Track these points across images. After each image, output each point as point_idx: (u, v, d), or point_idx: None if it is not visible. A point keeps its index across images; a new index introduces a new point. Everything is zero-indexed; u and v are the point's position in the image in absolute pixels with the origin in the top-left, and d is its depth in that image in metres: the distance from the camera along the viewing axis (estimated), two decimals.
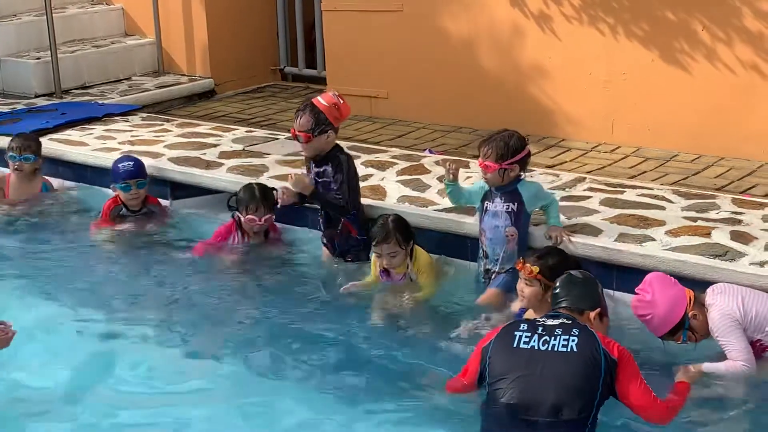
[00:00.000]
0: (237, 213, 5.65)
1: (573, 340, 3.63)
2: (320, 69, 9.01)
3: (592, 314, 3.88)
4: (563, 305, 3.89)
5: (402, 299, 4.99)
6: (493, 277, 4.97)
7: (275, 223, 5.79)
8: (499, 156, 4.89)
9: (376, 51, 7.91)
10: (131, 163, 6.18)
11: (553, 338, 3.65)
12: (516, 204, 4.93)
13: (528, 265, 4.41)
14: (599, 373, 3.59)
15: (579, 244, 4.92)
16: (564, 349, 3.62)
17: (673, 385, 3.95)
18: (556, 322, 3.75)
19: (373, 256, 5.14)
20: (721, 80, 6.48)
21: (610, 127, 6.98)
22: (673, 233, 4.98)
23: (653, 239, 4.91)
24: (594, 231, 5.05)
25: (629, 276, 4.80)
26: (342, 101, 5.36)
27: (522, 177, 4.99)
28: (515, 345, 3.67)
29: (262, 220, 5.63)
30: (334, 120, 5.32)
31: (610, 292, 4.84)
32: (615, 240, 4.93)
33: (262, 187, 5.70)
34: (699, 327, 4.16)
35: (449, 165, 5.17)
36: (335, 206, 5.37)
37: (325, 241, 5.55)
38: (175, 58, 9.45)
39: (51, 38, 8.53)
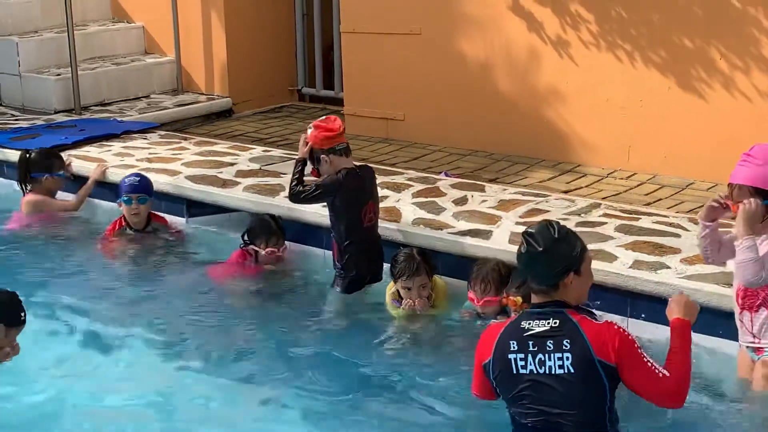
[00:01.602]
0: (252, 246, 5.68)
1: (567, 358, 3.52)
2: (338, 90, 9.06)
3: (568, 280, 3.60)
4: (536, 288, 3.64)
5: (416, 322, 5.02)
6: None
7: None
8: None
9: (393, 73, 7.95)
10: (137, 178, 6.22)
11: (547, 357, 3.54)
12: None
13: (512, 298, 4.41)
14: (602, 385, 3.54)
15: (593, 270, 4.91)
16: (561, 371, 3.53)
17: (670, 336, 3.71)
18: (544, 327, 3.57)
19: (389, 289, 5.16)
20: (738, 109, 6.48)
21: (627, 153, 6.98)
22: (688, 261, 4.97)
23: (668, 267, 4.91)
24: (609, 257, 5.05)
25: (643, 303, 4.79)
26: (324, 123, 5.33)
27: None
28: (515, 372, 3.60)
29: (281, 250, 5.72)
30: (326, 142, 5.29)
31: (624, 318, 4.84)
32: (630, 267, 4.93)
33: (274, 218, 5.79)
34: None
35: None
36: (291, 179, 5.33)
37: None
38: (193, 76, 9.52)
39: (72, 55, 8.61)
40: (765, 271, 3.89)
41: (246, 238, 5.72)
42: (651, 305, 4.76)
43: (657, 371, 3.54)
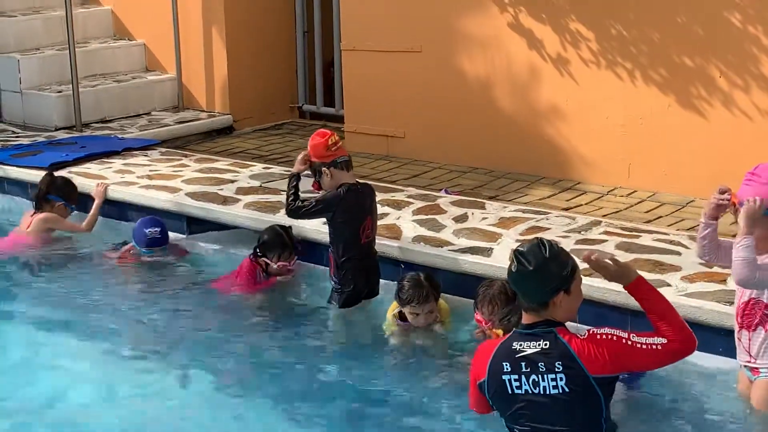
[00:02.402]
0: (264, 259, 5.69)
1: (561, 379, 3.51)
2: (338, 107, 9.07)
3: (557, 299, 3.57)
4: (526, 306, 3.62)
5: (419, 339, 5.03)
6: None
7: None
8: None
9: (393, 91, 7.97)
10: (158, 230, 6.21)
11: (540, 377, 3.53)
12: None
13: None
14: (598, 400, 3.53)
15: (593, 288, 4.91)
16: (556, 392, 3.52)
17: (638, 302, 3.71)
18: (536, 348, 3.55)
19: (391, 310, 5.17)
20: (738, 126, 6.50)
21: (627, 171, 6.99)
22: (689, 279, 4.96)
23: (669, 284, 4.90)
24: None
25: (644, 321, 4.75)
26: (319, 137, 5.35)
27: None
28: (510, 392, 3.59)
29: (292, 263, 5.75)
30: (325, 153, 5.30)
31: None
32: None
33: (287, 231, 5.79)
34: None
35: None
36: (287, 195, 5.36)
37: None
38: (194, 94, 9.54)
39: (73, 72, 8.63)
40: (759, 274, 3.88)
41: (259, 250, 5.72)
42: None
43: (653, 347, 3.54)
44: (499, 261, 5.32)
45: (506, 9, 7.31)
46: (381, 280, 5.49)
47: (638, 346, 3.54)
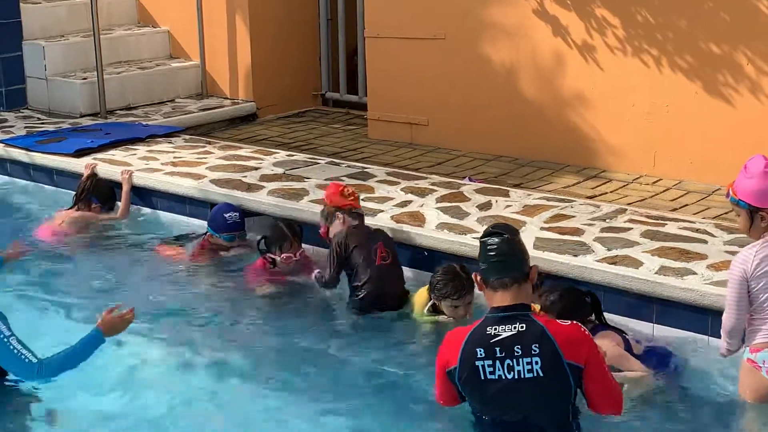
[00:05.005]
0: (270, 255, 5.66)
1: (536, 362, 3.51)
2: (361, 95, 9.06)
3: (533, 272, 3.67)
4: (508, 281, 3.60)
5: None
6: None
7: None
8: None
9: (417, 78, 7.95)
10: (237, 214, 6.12)
11: (515, 362, 3.53)
12: None
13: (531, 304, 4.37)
14: (569, 386, 3.56)
15: (619, 276, 4.89)
16: (531, 375, 3.53)
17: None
18: (512, 331, 3.55)
19: (420, 299, 5.13)
20: (766, 114, 6.43)
21: (652, 159, 6.94)
22: (715, 267, 4.92)
23: (694, 273, 4.86)
24: (634, 263, 5.01)
25: (669, 309, 4.76)
26: (335, 186, 5.53)
27: None
28: (483, 378, 3.58)
29: (298, 254, 5.68)
30: (342, 201, 5.42)
31: (650, 325, 4.81)
32: (655, 273, 4.89)
33: (288, 224, 5.76)
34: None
35: None
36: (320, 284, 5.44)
37: None
38: (218, 81, 9.55)
39: (98, 59, 8.66)
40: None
41: (261, 247, 5.71)
42: (677, 312, 4.72)
43: (612, 379, 3.64)
44: None
45: None
46: (406, 269, 5.45)
47: (605, 366, 3.62)
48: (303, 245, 5.75)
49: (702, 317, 4.65)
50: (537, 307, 4.29)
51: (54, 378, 4.26)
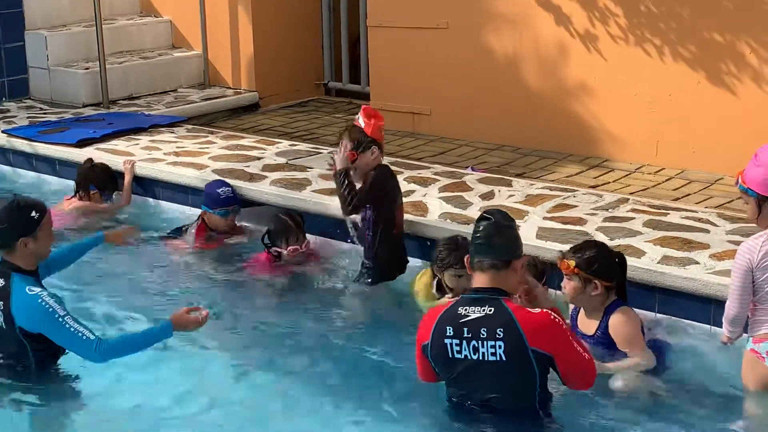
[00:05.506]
0: (275, 248, 5.64)
1: (500, 347, 3.61)
2: (364, 84, 9.06)
3: (518, 264, 3.76)
4: (489, 263, 3.69)
5: None
6: None
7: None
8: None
9: (420, 67, 7.94)
10: (228, 188, 6.14)
11: (480, 344, 3.64)
12: None
13: (565, 260, 4.37)
14: (533, 372, 3.65)
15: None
16: (494, 358, 3.63)
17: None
18: (480, 314, 3.64)
19: (420, 281, 5.13)
20: None
21: (655, 148, 6.94)
22: (717, 257, 4.93)
23: (697, 262, 4.87)
24: (637, 252, 5.01)
25: (671, 299, 4.76)
26: (375, 113, 5.32)
27: None
28: (450, 356, 3.71)
29: (303, 246, 5.67)
30: (380, 134, 5.26)
31: (652, 314, 4.82)
32: (658, 262, 4.89)
33: (291, 216, 5.74)
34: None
35: None
36: (342, 193, 5.20)
37: None
38: (220, 71, 9.55)
39: (100, 49, 8.66)
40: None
41: (266, 241, 5.70)
42: (679, 301, 4.73)
43: (584, 353, 3.71)
44: (525, 238, 5.21)
45: None
46: (410, 260, 5.46)
47: (575, 345, 3.68)
48: (307, 236, 5.75)
49: (704, 307, 4.66)
50: (572, 263, 4.28)
51: (114, 360, 4.21)
